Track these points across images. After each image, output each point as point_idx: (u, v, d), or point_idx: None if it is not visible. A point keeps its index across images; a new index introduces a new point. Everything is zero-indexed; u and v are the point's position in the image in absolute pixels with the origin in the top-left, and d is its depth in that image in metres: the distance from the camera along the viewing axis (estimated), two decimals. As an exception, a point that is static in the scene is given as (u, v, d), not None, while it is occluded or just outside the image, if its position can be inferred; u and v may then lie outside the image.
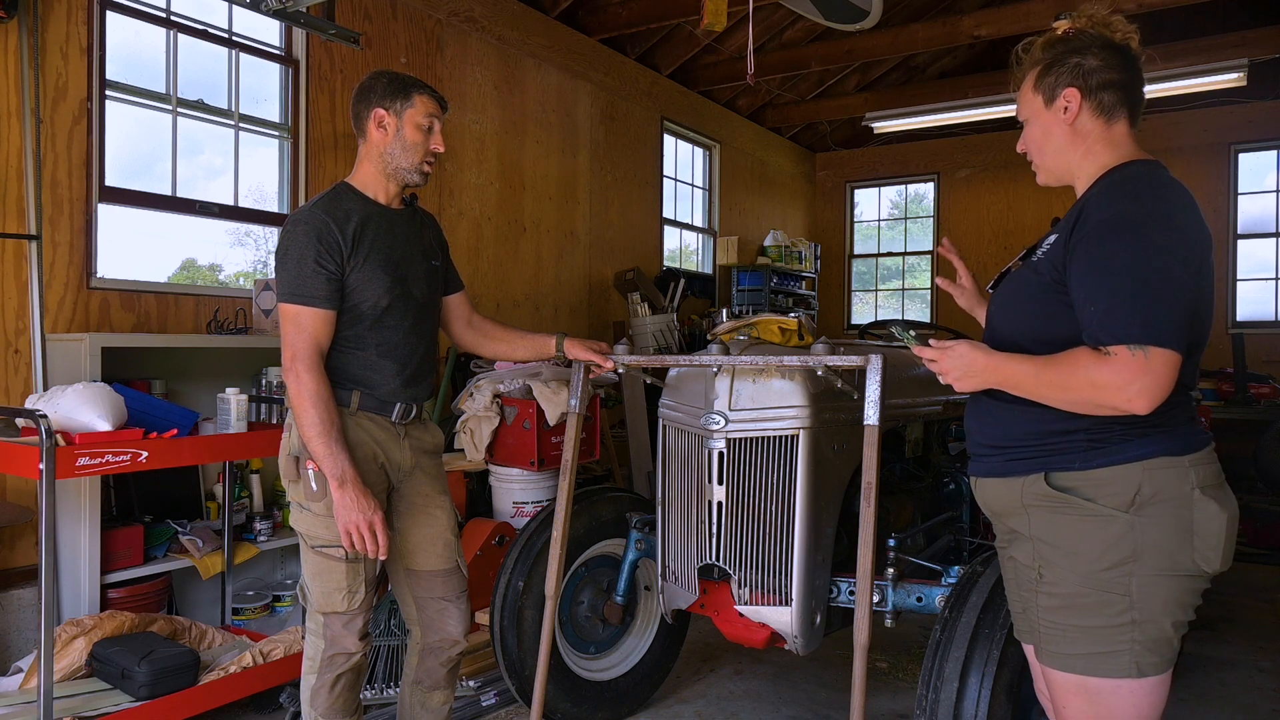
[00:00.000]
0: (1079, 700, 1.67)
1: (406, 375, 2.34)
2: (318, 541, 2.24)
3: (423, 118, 2.29)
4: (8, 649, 3.16)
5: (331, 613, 2.25)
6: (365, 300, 2.23)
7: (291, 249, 2.18)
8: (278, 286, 2.21)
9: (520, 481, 4.04)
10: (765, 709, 3.33)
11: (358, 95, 2.32)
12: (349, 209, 2.25)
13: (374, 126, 2.28)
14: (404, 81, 2.30)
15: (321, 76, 4.48)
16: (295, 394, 2.14)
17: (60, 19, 3.44)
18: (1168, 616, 1.60)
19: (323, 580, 2.25)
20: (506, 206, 5.76)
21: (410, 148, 2.28)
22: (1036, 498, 1.69)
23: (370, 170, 2.32)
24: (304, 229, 2.18)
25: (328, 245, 2.17)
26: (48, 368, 3.32)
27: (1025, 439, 1.70)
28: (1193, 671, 3.69)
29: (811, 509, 2.51)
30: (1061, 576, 1.65)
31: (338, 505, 2.13)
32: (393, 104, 2.27)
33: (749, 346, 2.70)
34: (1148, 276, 1.52)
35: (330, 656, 2.27)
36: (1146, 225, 1.56)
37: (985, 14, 6.62)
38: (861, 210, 10.34)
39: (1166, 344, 1.50)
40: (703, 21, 4.01)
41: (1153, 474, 1.60)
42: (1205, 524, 1.59)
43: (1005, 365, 1.66)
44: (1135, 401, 1.51)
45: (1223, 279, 8.10)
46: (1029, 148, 1.82)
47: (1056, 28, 1.76)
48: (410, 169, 2.30)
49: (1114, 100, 1.71)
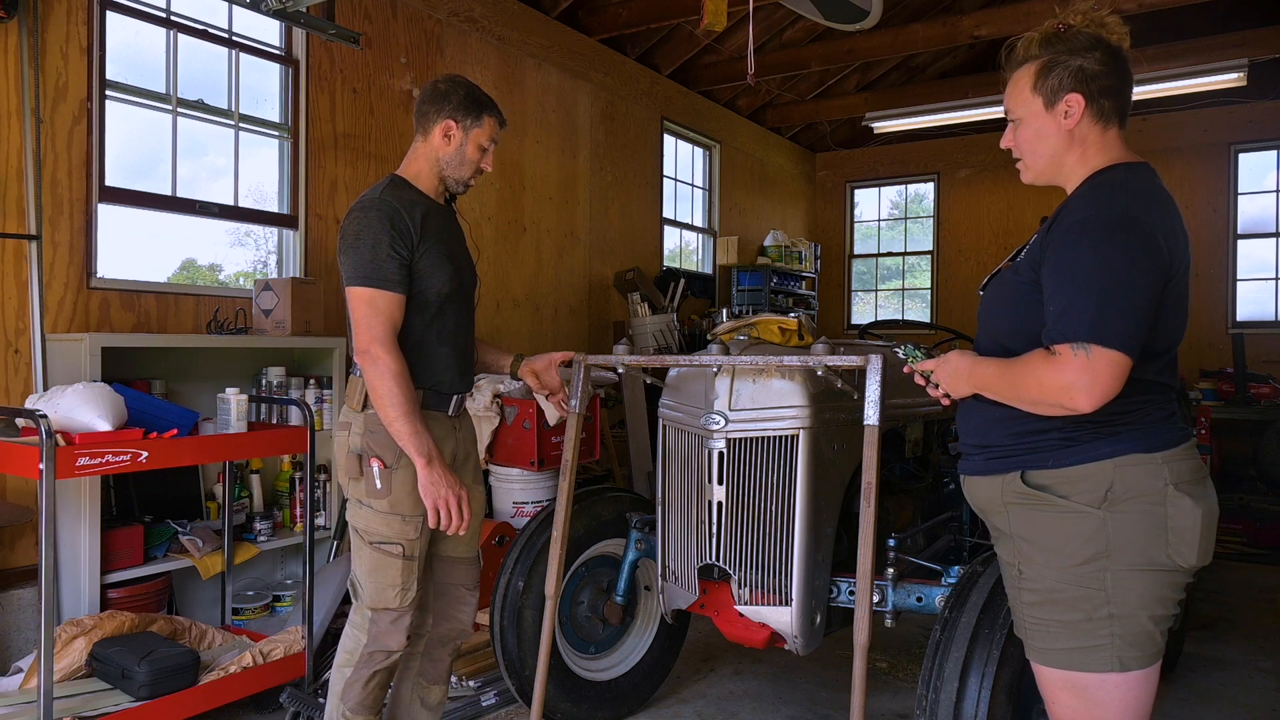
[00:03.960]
0: (1068, 696, 1.69)
1: (463, 364, 2.41)
2: (376, 538, 2.27)
3: (486, 140, 2.38)
4: (8, 649, 3.16)
5: (383, 609, 2.28)
6: (430, 288, 2.27)
7: (364, 233, 2.20)
8: (347, 271, 2.23)
9: (520, 481, 4.04)
10: (765, 709, 3.33)
11: (432, 96, 2.36)
12: (412, 198, 2.31)
13: (440, 134, 2.35)
14: (479, 102, 2.36)
15: (321, 76, 4.48)
16: (376, 376, 2.15)
17: (60, 19, 3.44)
18: (1144, 610, 1.63)
19: (378, 577, 2.28)
20: (506, 206, 5.76)
21: (467, 163, 2.38)
22: (1015, 495, 1.72)
23: (424, 168, 2.38)
24: (376, 214, 2.21)
25: (400, 231, 2.21)
26: (48, 368, 3.32)
27: (1003, 438, 1.74)
28: (1193, 671, 3.69)
29: (811, 509, 2.51)
30: (1039, 572, 1.69)
31: (425, 482, 2.18)
32: (464, 120, 2.34)
33: (749, 346, 2.70)
34: (1104, 278, 1.54)
35: (370, 653, 2.30)
36: (1112, 228, 1.57)
37: (985, 14, 6.62)
38: (861, 210, 10.34)
39: (1111, 344, 1.52)
40: (703, 21, 4.01)
41: (1124, 471, 1.63)
42: (1180, 520, 1.61)
43: (978, 369, 1.73)
44: (1078, 400, 1.54)
45: (1223, 279, 8.10)
46: (1019, 147, 1.81)
47: (1051, 24, 1.75)
48: (459, 180, 2.40)
49: (1111, 106, 1.72)
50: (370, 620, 2.30)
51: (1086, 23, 1.73)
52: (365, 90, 4.72)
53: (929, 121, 8.23)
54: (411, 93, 4.98)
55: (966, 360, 1.75)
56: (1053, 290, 1.60)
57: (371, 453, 2.25)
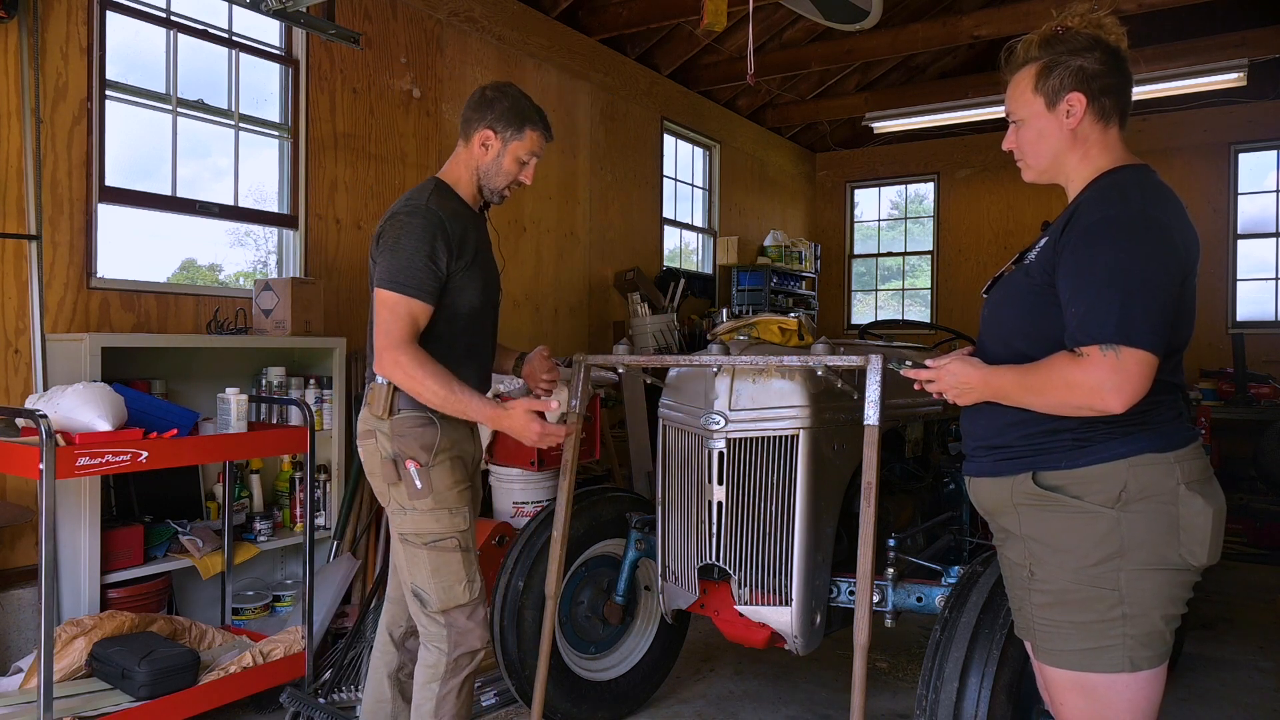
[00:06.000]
0: (1076, 697, 1.69)
1: (483, 375, 2.41)
2: (430, 537, 2.25)
3: (525, 154, 2.35)
4: (8, 649, 3.16)
5: (455, 607, 2.26)
6: (464, 301, 2.27)
7: (405, 238, 2.18)
8: (380, 273, 2.20)
9: (520, 481, 4.04)
10: (765, 709, 3.33)
11: (478, 102, 2.34)
12: (455, 208, 2.29)
13: (479, 142, 2.33)
14: (523, 113, 2.33)
15: (321, 76, 4.48)
16: (408, 375, 2.14)
17: (60, 19, 3.44)
18: (1158, 610, 1.63)
19: (441, 575, 2.26)
20: (506, 206, 5.71)
21: (503, 174, 2.36)
22: (1026, 497, 1.72)
23: (464, 175, 2.37)
24: (423, 222, 2.19)
25: (445, 241, 2.20)
26: (48, 368, 3.32)
27: (1014, 439, 1.74)
28: (1193, 671, 3.69)
29: (811, 509, 2.51)
30: (1052, 574, 1.68)
31: (515, 428, 2.17)
32: (504, 131, 2.32)
33: (749, 346, 2.70)
34: (1128, 278, 1.55)
35: (455, 660, 2.26)
36: (1131, 228, 1.58)
37: (985, 14, 6.62)
38: (861, 210, 10.33)
39: (1139, 344, 1.52)
40: (703, 21, 4.01)
41: (1138, 471, 1.63)
42: (1191, 519, 1.62)
43: (994, 379, 1.71)
44: (1108, 400, 1.54)
45: (1223, 279, 8.10)
46: (1021, 148, 1.82)
47: (1050, 26, 1.76)
48: (495, 190, 2.38)
49: (1112, 105, 1.73)
50: (447, 625, 2.25)
51: (1084, 24, 1.74)
52: (365, 90, 4.72)
53: (929, 121, 8.23)
54: (412, 93, 4.98)
55: (978, 372, 1.73)
56: (1073, 292, 1.60)
57: (405, 455, 2.23)
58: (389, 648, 2.53)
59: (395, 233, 2.20)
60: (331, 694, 3.23)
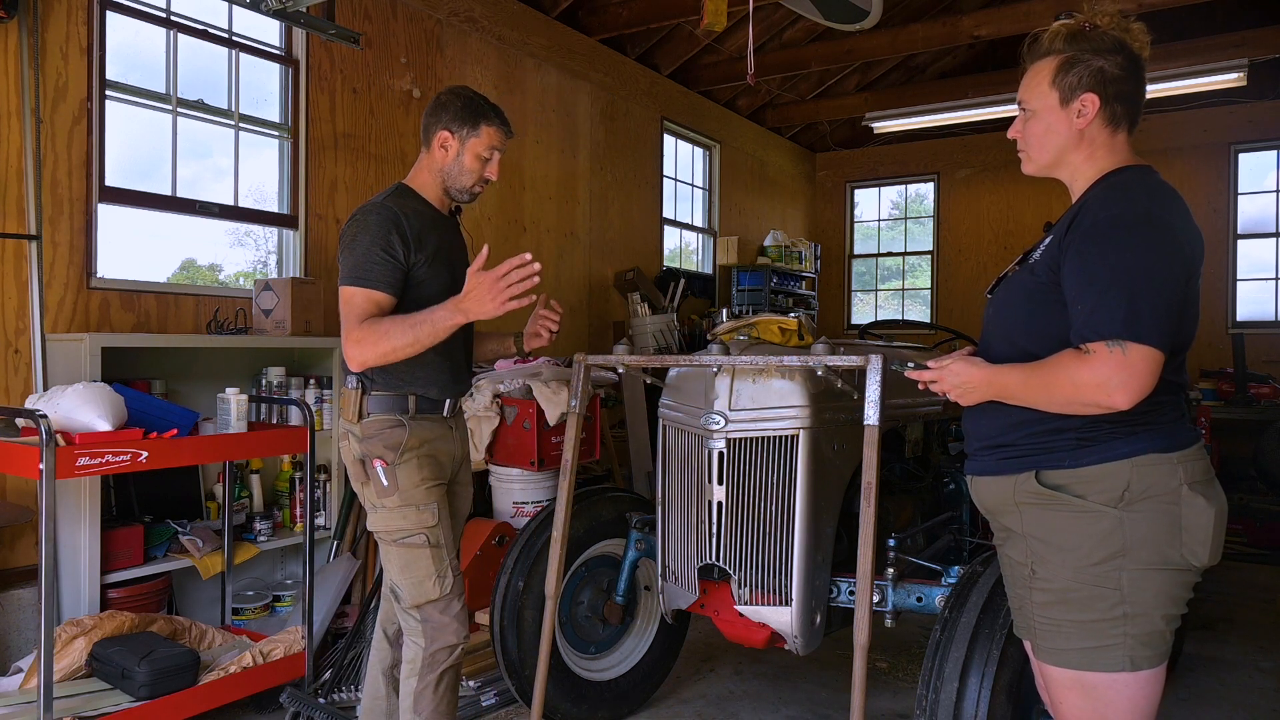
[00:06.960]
0: (1075, 696, 1.69)
1: (455, 370, 2.44)
2: (398, 534, 2.29)
3: (484, 150, 2.38)
4: (8, 649, 3.16)
5: (427, 602, 2.29)
6: (427, 296, 2.28)
7: (360, 235, 2.22)
8: (341, 272, 2.26)
9: (520, 481, 4.03)
10: (765, 709, 3.33)
11: (431, 109, 2.38)
12: (415, 207, 2.33)
13: (438, 145, 2.36)
14: (476, 111, 2.35)
15: (321, 76, 4.48)
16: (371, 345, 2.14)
17: (60, 19, 3.44)
18: (1159, 610, 1.63)
19: (411, 571, 2.29)
20: (506, 206, 5.76)
21: (466, 173, 2.38)
22: (1028, 495, 1.72)
23: (428, 179, 2.41)
24: (376, 218, 2.23)
25: (400, 234, 2.23)
26: (48, 368, 3.32)
27: (1017, 438, 1.74)
28: (1193, 671, 3.69)
29: (811, 509, 2.51)
30: (1053, 572, 1.68)
31: (470, 294, 2.09)
32: (459, 130, 2.34)
33: (749, 346, 2.70)
34: (1133, 276, 1.55)
35: (432, 654, 2.29)
36: (1137, 227, 1.58)
37: (985, 14, 6.62)
38: (861, 210, 10.33)
39: (1146, 340, 1.53)
40: (703, 21, 4.01)
41: (1141, 470, 1.63)
42: (1193, 519, 1.62)
43: (998, 378, 1.71)
44: (1115, 397, 1.54)
45: (1222, 279, 8.10)
46: (1025, 139, 1.82)
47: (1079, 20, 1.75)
48: (462, 190, 2.41)
49: (1124, 111, 1.73)
50: (421, 621, 2.29)
51: (1113, 25, 1.73)
52: (365, 90, 4.72)
53: (929, 121, 8.23)
54: (412, 93, 4.98)
55: (981, 371, 1.73)
56: (1080, 289, 1.60)
57: (373, 455, 2.29)
58: (383, 644, 2.56)
59: (353, 231, 2.25)
60: (331, 694, 3.23)
